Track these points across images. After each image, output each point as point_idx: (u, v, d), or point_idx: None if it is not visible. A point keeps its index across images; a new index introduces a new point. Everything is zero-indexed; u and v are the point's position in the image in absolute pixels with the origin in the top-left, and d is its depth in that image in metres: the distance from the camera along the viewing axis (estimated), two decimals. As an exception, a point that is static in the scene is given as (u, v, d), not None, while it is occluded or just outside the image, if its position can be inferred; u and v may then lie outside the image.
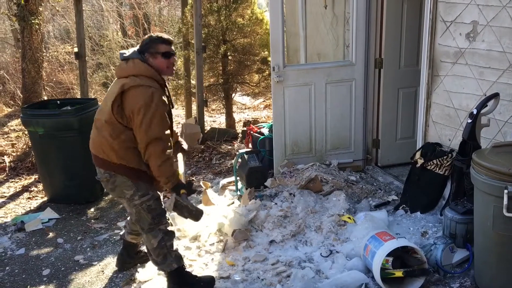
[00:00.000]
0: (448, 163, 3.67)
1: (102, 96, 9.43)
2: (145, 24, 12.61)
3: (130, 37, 12.17)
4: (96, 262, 3.65)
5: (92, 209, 4.62)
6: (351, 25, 4.75)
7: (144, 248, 3.51)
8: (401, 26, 4.75)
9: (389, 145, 5.04)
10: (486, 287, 2.93)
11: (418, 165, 3.89)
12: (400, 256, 3.09)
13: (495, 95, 3.16)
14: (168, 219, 3.33)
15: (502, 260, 2.76)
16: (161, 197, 3.24)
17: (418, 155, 3.94)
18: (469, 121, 3.16)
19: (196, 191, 3.15)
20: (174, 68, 3.06)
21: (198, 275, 3.33)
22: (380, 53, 4.82)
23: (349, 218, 3.78)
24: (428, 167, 3.80)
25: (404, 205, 3.99)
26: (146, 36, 3.08)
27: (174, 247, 3.16)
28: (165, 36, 3.03)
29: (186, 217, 3.11)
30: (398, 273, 3.01)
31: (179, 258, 3.15)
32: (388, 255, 3.02)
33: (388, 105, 4.92)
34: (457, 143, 3.68)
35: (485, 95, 3.38)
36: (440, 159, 3.71)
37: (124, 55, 3.02)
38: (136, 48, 3.04)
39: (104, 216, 4.46)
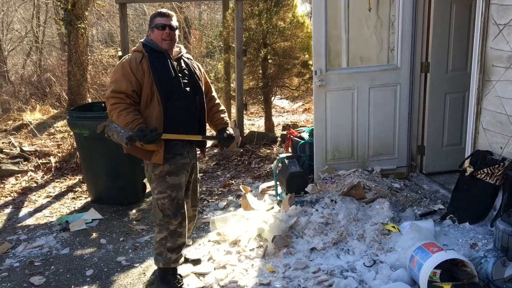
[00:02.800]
0: (500, 172, 3.50)
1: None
2: (186, 28, 12.78)
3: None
4: (137, 264, 3.68)
5: (134, 211, 4.68)
6: (396, 28, 4.63)
7: (185, 253, 3.54)
8: (449, 29, 4.59)
9: (435, 151, 4.87)
10: (542, 305, 2.77)
11: (467, 173, 3.73)
12: (449, 268, 2.96)
13: (554, 102, 2.98)
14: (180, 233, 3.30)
15: (561, 277, 2.60)
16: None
17: (467, 163, 3.78)
18: (525, 129, 3.00)
19: (156, 135, 2.98)
20: (170, 40, 3.13)
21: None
22: (426, 56, 4.67)
23: (393, 227, 3.67)
24: (478, 176, 3.64)
25: (451, 215, 3.84)
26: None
27: (174, 250, 3.23)
28: (163, 10, 3.19)
29: (115, 140, 3.03)
30: (446, 287, 2.89)
31: (169, 261, 3.24)
32: (436, 267, 2.91)
33: (435, 110, 4.76)
34: (510, 151, 3.52)
35: (542, 101, 3.21)
36: (491, 168, 3.55)
37: None
38: None
39: (146, 218, 4.51)
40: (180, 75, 3.17)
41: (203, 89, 3.31)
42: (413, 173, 4.93)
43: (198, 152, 3.54)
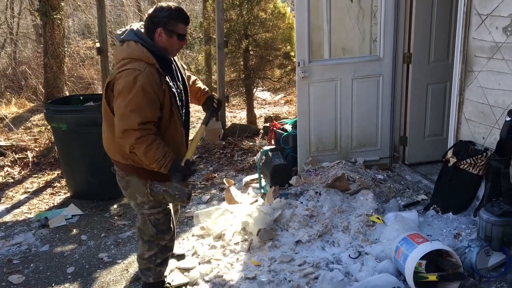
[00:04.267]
0: (483, 163, 3.52)
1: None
2: (165, 19, 12.59)
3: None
4: (120, 260, 3.61)
5: (115, 206, 4.59)
6: (379, 18, 4.61)
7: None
8: (431, 20, 4.59)
9: (417, 142, 4.89)
10: (525, 293, 2.80)
11: (450, 164, 3.75)
12: (434, 259, 2.97)
13: (536, 92, 3.01)
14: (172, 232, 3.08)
15: (544, 266, 2.63)
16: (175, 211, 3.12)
17: (450, 153, 3.80)
18: (508, 119, 3.02)
19: (195, 172, 2.85)
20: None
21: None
22: (408, 47, 4.67)
23: (378, 218, 3.67)
24: (461, 166, 3.66)
25: (435, 206, 3.86)
26: (164, 5, 2.66)
27: (164, 263, 3.04)
28: (185, 13, 2.71)
29: (172, 203, 2.88)
30: (432, 277, 2.90)
31: (160, 274, 3.05)
32: (421, 258, 2.91)
33: (417, 101, 4.77)
34: (492, 141, 3.54)
35: (524, 91, 3.23)
36: (474, 158, 3.57)
37: (121, 36, 2.69)
38: (138, 24, 2.73)
39: (127, 213, 4.42)
40: (179, 83, 2.84)
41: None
42: (395, 164, 4.95)
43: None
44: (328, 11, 5.67)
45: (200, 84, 3.17)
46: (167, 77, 2.70)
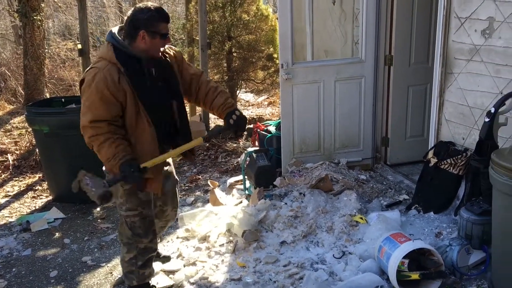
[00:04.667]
0: (463, 163, 3.60)
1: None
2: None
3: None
4: (104, 263, 3.58)
5: (98, 209, 4.55)
6: (360, 21, 4.67)
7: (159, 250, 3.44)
8: (411, 23, 4.67)
9: (399, 143, 4.96)
10: (504, 290, 2.87)
11: (431, 164, 3.82)
12: (416, 258, 3.02)
13: (514, 94, 3.08)
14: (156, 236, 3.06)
15: (522, 263, 2.70)
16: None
17: (431, 154, 3.87)
18: (487, 120, 3.09)
19: (136, 181, 2.66)
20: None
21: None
22: (390, 50, 4.74)
23: (361, 218, 3.72)
24: (442, 167, 3.73)
25: (416, 205, 3.93)
26: (142, 6, 2.62)
27: (146, 265, 2.99)
28: (165, 11, 2.67)
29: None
30: (415, 276, 2.95)
31: (143, 277, 3.02)
32: (404, 257, 2.96)
33: (398, 102, 4.85)
34: (471, 142, 3.61)
35: (502, 93, 3.31)
36: (454, 158, 3.64)
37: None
38: (119, 24, 2.71)
39: (111, 216, 4.39)
40: (160, 83, 2.76)
41: (185, 81, 2.91)
42: (377, 164, 5.01)
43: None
44: (310, 14, 5.71)
45: (219, 95, 2.90)
46: (134, 78, 2.63)
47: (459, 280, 3.06)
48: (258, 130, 5.16)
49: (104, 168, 2.86)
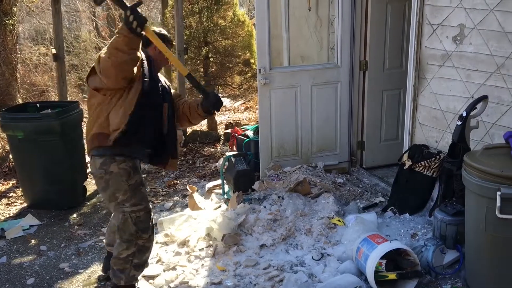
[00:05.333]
0: (436, 165, 3.71)
1: (78, 98, 9.21)
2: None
3: (105, 38, 11.95)
4: (82, 270, 3.54)
5: (75, 215, 4.49)
6: (336, 27, 4.76)
7: None
8: (385, 29, 4.79)
9: (374, 147, 5.07)
10: (477, 288, 2.96)
11: (406, 167, 3.92)
12: (393, 258, 3.09)
13: (484, 98, 3.20)
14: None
15: (494, 261, 2.79)
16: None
17: (405, 157, 3.97)
18: (459, 123, 3.19)
19: (144, 21, 2.58)
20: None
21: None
22: (364, 55, 4.85)
23: (339, 220, 3.78)
24: (416, 169, 3.83)
25: (392, 207, 4.02)
26: (157, 30, 3.01)
27: (140, 266, 3.03)
28: (169, 38, 3.06)
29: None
30: (392, 276, 3.02)
31: (132, 279, 3.03)
32: (381, 257, 3.02)
33: (373, 107, 4.96)
34: (444, 144, 3.73)
35: (473, 97, 3.43)
36: (428, 160, 3.75)
37: None
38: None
39: (88, 222, 4.34)
40: (159, 87, 3.03)
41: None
42: (354, 167, 5.10)
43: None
44: (286, 20, 5.79)
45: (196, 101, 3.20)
46: (145, 68, 2.88)
47: (434, 279, 3.15)
48: (236, 134, 5.19)
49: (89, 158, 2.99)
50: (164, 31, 3.08)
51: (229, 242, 3.62)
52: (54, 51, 5.97)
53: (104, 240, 3.61)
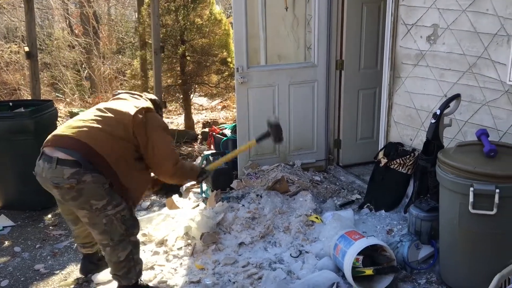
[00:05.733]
0: (411, 162, 3.78)
1: (51, 97, 9.05)
2: (94, 22, 12.22)
3: (78, 36, 11.76)
4: (58, 271, 3.49)
5: (50, 215, 4.42)
6: (313, 27, 4.80)
7: None
8: (360, 29, 4.86)
9: (350, 145, 5.14)
10: (451, 282, 3.04)
11: (381, 164, 3.99)
12: (370, 254, 3.14)
13: (457, 96, 3.28)
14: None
15: (467, 256, 2.88)
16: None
17: (381, 154, 4.04)
18: (433, 121, 3.27)
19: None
20: None
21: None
22: (341, 55, 4.91)
23: (317, 218, 3.82)
24: (392, 166, 3.90)
25: (368, 204, 4.08)
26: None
27: (139, 260, 3.04)
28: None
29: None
30: (369, 271, 3.07)
31: (140, 272, 3.05)
32: (358, 253, 3.07)
33: (349, 106, 5.02)
34: (419, 142, 3.81)
35: (446, 96, 3.52)
36: (403, 158, 3.82)
37: None
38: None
39: (63, 223, 4.26)
40: None
41: None
42: (331, 165, 5.16)
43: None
44: (263, 19, 5.80)
45: None
46: None
47: (409, 274, 3.21)
48: (214, 133, 5.18)
49: None
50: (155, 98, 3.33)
51: (207, 241, 3.62)
52: (26, 49, 5.83)
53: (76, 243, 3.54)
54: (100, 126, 2.84)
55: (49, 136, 2.91)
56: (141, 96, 3.21)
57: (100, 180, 2.77)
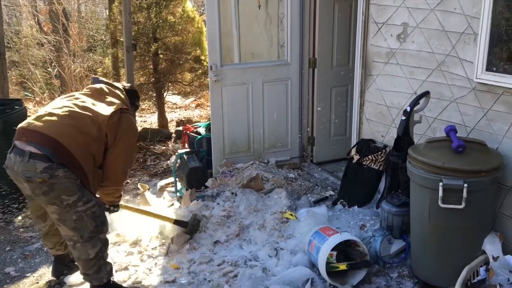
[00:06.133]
0: (383, 159, 3.85)
1: (19, 96, 8.83)
2: (64, 20, 11.98)
3: (47, 34, 11.51)
4: (29, 273, 3.42)
5: (20, 217, 4.32)
6: (285, 25, 4.83)
7: None
8: (333, 27, 4.90)
9: (324, 142, 5.19)
10: (422, 275, 3.11)
11: (354, 161, 4.04)
12: (343, 249, 3.19)
13: (426, 93, 3.35)
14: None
15: (437, 249, 2.95)
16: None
17: (353, 151, 4.10)
18: (403, 118, 3.33)
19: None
20: None
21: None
22: (313, 53, 4.94)
23: (291, 215, 3.85)
24: (364, 163, 3.96)
25: (342, 200, 4.13)
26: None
27: (107, 259, 3.02)
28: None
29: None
30: (342, 266, 3.11)
31: (111, 271, 3.03)
32: (332, 249, 3.11)
33: (322, 103, 5.06)
34: (390, 139, 3.88)
35: (416, 93, 3.59)
36: (375, 154, 3.89)
37: None
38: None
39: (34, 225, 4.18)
40: None
41: None
42: (305, 163, 5.21)
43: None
44: (236, 17, 5.80)
45: None
46: None
47: (382, 268, 3.27)
48: (188, 132, 5.16)
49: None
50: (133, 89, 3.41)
51: (179, 242, 3.59)
52: (-6, 47, 5.69)
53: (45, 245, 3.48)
54: (73, 123, 2.83)
55: (20, 128, 2.85)
56: (119, 89, 3.19)
57: (72, 176, 2.76)
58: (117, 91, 3.16)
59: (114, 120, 2.93)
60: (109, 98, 3.07)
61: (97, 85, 3.17)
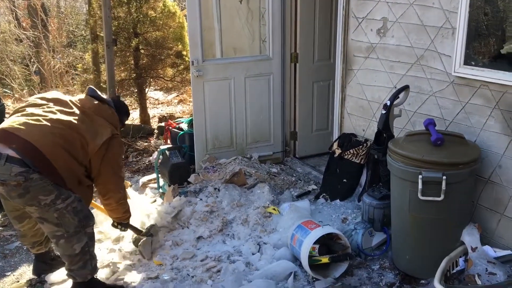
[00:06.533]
0: (364, 152, 3.89)
1: (-2, 94, 8.68)
2: (43, 15, 11.78)
3: (25, 29, 11.32)
4: (9, 272, 3.38)
5: (-1, 216, 4.26)
6: (267, 20, 4.83)
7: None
8: (314, 22, 4.92)
9: (306, 137, 5.22)
10: (403, 267, 3.15)
11: (336, 155, 4.08)
12: (326, 243, 3.22)
13: (406, 87, 3.39)
14: None
15: (417, 241, 3.00)
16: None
17: (335, 145, 4.13)
18: (383, 112, 3.36)
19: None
20: None
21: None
22: (295, 47, 4.96)
23: (274, 209, 3.87)
24: (346, 157, 4.00)
25: (324, 194, 4.17)
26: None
27: (94, 254, 3.00)
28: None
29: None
30: (325, 260, 3.14)
31: (95, 267, 3.01)
32: (315, 242, 3.14)
33: (304, 98, 5.09)
34: (371, 133, 3.91)
35: (396, 87, 3.63)
36: (356, 148, 3.92)
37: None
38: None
39: (14, 223, 4.12)
40: None
41: None
42: (287, 157, 5.23)
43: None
44: (218, 12, 5.77)
45: None
46: None
47: (364, 260, 3.31)
48: (170, 128, 5.13)
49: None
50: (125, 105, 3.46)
51: (146, 252, 3.44)
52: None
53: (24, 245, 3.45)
54: (64, 145, 2.81)
55: (1, 129, 2.75)
56: (111, 107, 3.17)
57: (46, 178, 2.73)
58: (110, 111, 3.13)
59: (102, 151, 3.00)
60: (101, 121, 3.03)
61: (91, 101, 3.08)
